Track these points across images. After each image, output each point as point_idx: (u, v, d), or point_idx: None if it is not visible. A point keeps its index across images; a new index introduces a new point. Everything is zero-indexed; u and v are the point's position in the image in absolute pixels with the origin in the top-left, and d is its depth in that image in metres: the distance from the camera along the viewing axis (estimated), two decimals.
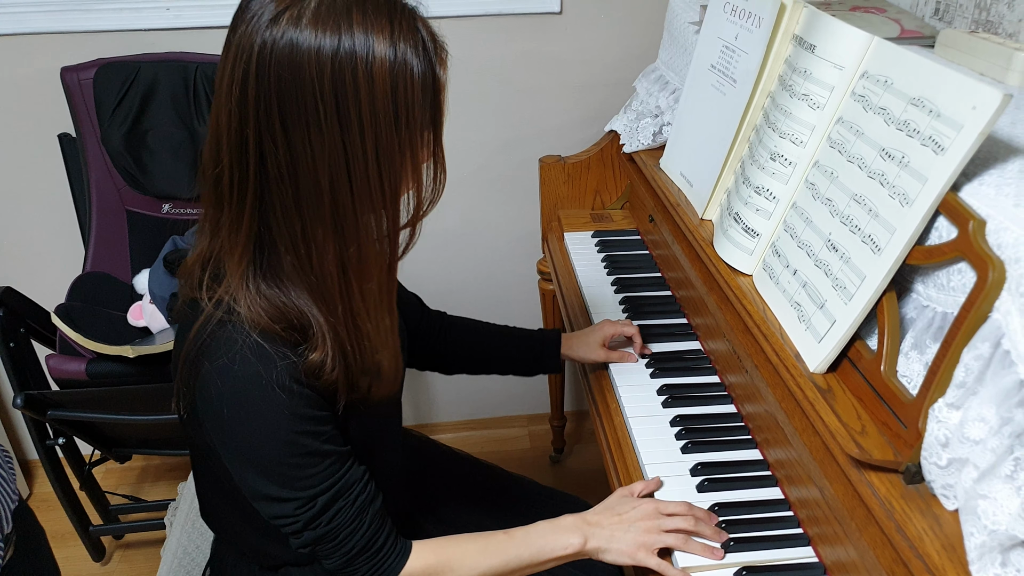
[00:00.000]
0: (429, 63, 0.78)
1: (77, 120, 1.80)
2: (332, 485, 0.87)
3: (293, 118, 0.75)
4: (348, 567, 0.91)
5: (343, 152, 0.77)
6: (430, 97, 0.80)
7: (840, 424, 0.85)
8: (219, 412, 0.83)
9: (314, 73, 0.74)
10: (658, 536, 0.97)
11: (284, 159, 0.77)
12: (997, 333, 0.72)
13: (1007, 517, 0.66)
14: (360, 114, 0.76)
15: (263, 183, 0.79)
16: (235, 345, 0.81)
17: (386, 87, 0.75)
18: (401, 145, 0.79)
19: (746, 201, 1.11)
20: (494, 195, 2.05)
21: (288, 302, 0.83)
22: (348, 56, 0.74)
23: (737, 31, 1.22)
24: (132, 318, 1.80)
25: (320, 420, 0.86)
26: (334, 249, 0.81)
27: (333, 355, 0.84)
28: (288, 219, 0.80)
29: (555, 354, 1.30)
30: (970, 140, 0.78)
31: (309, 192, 0.78)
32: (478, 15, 1.82)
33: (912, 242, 0.83)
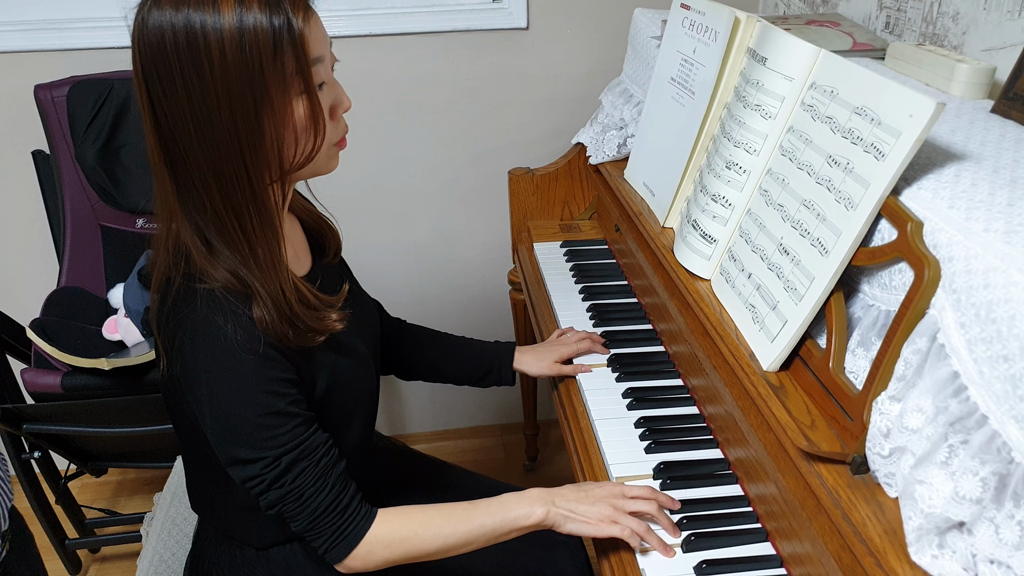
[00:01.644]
0: (283, 15, 0.82)
1: (51, 137, 1.81)
2: (297, 445, 0.92)
3: (166, 82, 0.82)
4: (313, 528, 0.94)
5: (205, 107, 0.83)
6: (287, 46, 0.83)
7: (791, 419, 0.89)
8: (195, 375, 0.89)
9: (171, 40, 0.81)
10: (623, 516, 0.99)
11: (169, 120, 0.84)
12: (933, 328, 0.76)
13: (942, 501, 0.70)
14: (213, 71, 0.81)
15: (165, 148, 0.86)
16: (203, 308, 0.88)
17: (234, 42, 0.81)
18: (256, 93, 0.83)
19: (704, 208, 1.15)
20: (464, 207, 2.09)
21: (231, 264, 0.90)
22: (198, 24, 0.80)
23: (695, 45, 1.26)
24: (107, 332, 1.81)
25: (286, 382, 0.92)
26: (219, 195, 0.87)
27: (263, 301, 0.89)
28: (184, 174, 0.87)
29: (507, 369, 1.34)
30: (907, 146, 0.82)
31: (189, 145, 0.85)
32: (447, 31, 1.86)
33: (857, 244, 0.87)
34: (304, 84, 0.86)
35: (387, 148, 1.97)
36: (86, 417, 1.67)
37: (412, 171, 2.02)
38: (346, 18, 1.82)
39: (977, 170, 0.87)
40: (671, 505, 1.04)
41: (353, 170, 1.97)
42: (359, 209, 2.03)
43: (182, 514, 1.43)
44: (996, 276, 0.70)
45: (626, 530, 0.98)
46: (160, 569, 1.29)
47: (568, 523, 1.00)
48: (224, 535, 1.11)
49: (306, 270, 1.06)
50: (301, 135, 0.88)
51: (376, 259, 2.11)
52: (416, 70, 1.90)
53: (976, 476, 0.68)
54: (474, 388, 2.21)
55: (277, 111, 0.85)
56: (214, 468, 0.99)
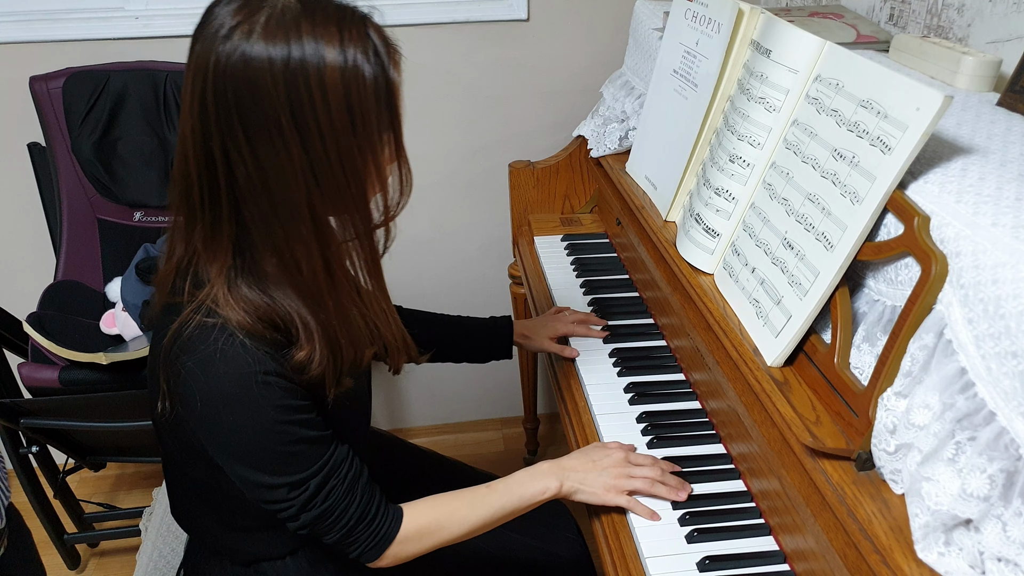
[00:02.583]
0: (381, 67, 0.80)
1: (47, 129, 1.80)
2: (322, 467, 0.91)
3: (254, 129, 0.77)
4: (348, 539, 0.94)
5: (306, 159, 0.79)
6: (384, 100, 0.81)
7: (796, 415, 0.88)
8: (205, 409, 0.85)
9: (268, 84, 0.75)
10: (628, 480, 1.04)
11: (252, 169, 0.79)
12: (940, 324, 0.75)
13: (949, 498, 0.69)
14: (318, 121, 0.77)
15: (235, 192, 0.81)
16: (218, 343, 0.83)
17: (339, 93, 0.77)
18: (361, 149, 0.80)
19: (707, 202, 1.15)
20: (464, 200, 2.08)
21: (272, 304, 0.86)
22: (299, 65, 0.75)
23: (698, 37, 1.25)
24: (105, 326, 1.80)
25: (303, 408, 0.89)
26: (317, 250, 0.84)
27: (321, 352, 0.87)
28: (267, 225, 0.82)
29: (506, 341, 1.36)
30: (915, 140, 0.81)
31: (283, 198, 0.81)
32: (447, 22, 1.85)
33: (862, 239, 0.86)
34: (395, 140, 0.85)
35: None
36: (84, 412, 1.66)
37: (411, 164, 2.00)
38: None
39: (984, 164, 0.86)
40: (672, 469, 1.08)
41: None
42: None
43: None
44: (1005, 271, 0.69)
45: (632, 500, 1.03)
46: (160, 565, 1.29)
47: (578, 494, 1.05)
48: (214, 552, 1.10)
49: None
50: (393, 188, 0.88)
51: None
52: (415, 62, 1.88)
53: (984, 473, 0.68)
54: (474, 378, 2.23)
55: (378, 164, 0.83)
56: (198, 486, 0.98)
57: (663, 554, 0.98)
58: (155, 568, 1.29)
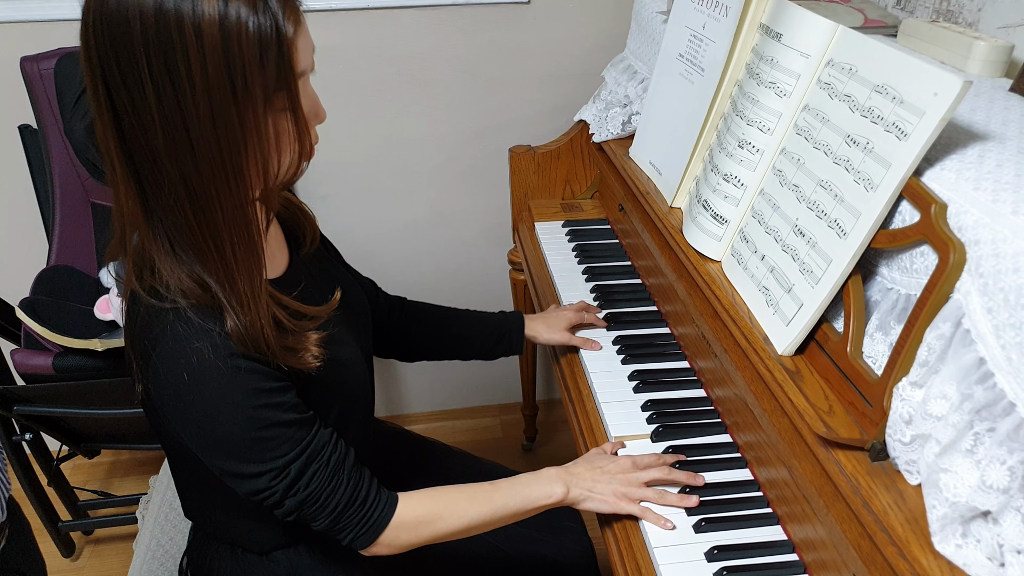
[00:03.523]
0: (271, 17, 0.73)
1: (38, 111, 1.76)
2: (303, 451, 0.87)
3: (130, 79, 0.73)
4: (337, 524, 0.92)
5: (180, 114, 0.74)
6: (274, 55, 0.74)
7: (808, 404, 0.87)
8: (175, 401, 0.83)
9: (139, 31, 0.71)
10: (638, 489, 1.02)
11: (134, 121, 0.75)
12: (958, 313, 0.74)
13: (967, 489, 0.68)
14: (191, 75, 0.72)
15: (126, 148, 0.77)
16: (177, 330, 0.80)
17: (215, 45, 0.71)
18: (240, 108, 0.75)
19: (715, 188, 1.13)
20: (464, 185, 2.05)
21: (192, 270, 0.82)
22: (173, 12, 0.70)
23: (705, 20, 1.23)
24: (99, 312, 1.78)
25: (276, 391, 0.85)
26: (191, 210, 0.79)
27: (242, 317, 0.82)
28: (154, 181, 0.78)
29: (519, 337, 1.32)
30: (932, 126, 0.80)
31: (159, 154, 0.76)
32: (447, 4, 1.82)
33: (877, 226, 0.85)
34: (289, 99, 0.78)
35: (384, 125, 1.93)
36: (79, 398, 1.64)
37: (410, 148, 1.98)
38: None
39: (1001, 151, 0.84)
40: (677, 459, 1.07)
41: (349, 148, 1.94)
42: (355, 187, 1.99)
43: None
44: None
45: (644, 509, 1.00)
46: (158, 554, 1.27)
47: (587, 502, 1.02)
48: (225, 541, 1.08)
49: (283, 268, 0.98)
50: (284, 152, 0.81)
51: (373, 238, 2.07)
52: (414, 45, 1.86)
53: (1003, 465, 0.67)
54: (472, 365, 2.21)
55: (261, 126, 0.77)
56: (207, 479, 0.95)
57: (671, 544, 0.97)
58: (153, 557, 1.27)
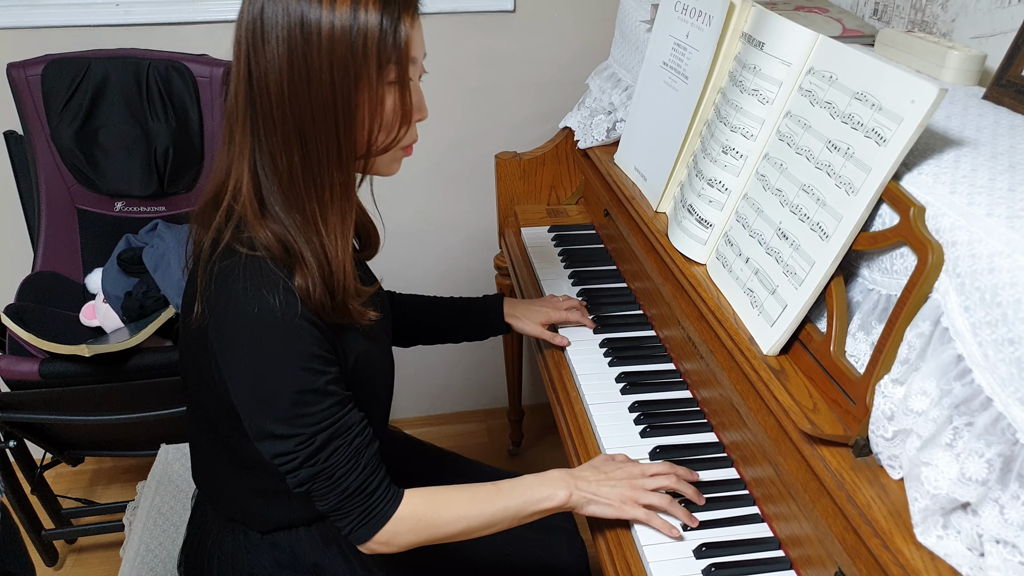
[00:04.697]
0: (394, 11, 0.85)
1: (24, 117, 1.77)
2: (332, 424, 0.91)
3: (268, 35, 0.84)
4: (341, 508, 0.94)
5: (305, 65, 0.84)
6: (391, 32, 0.85)
7: (793, 402, 0.90)
8: (233, 344, 0.89)
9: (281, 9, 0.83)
10: (644, 494, 1.01)
11: (262, 75, 0.86)
12: (937, 312, 0.77)
13: (947, 482, 0.71)
14: (320, 30, 0.83)
15: (251, 101, 0.88)
16: (248, 276, 0.88)
17: (345, 13, 0.83)
18: (357, 67, 0.85)
19: (699, 193, 1.16)
20: (450, 192, 2.07)
21: (281, 228, 0.90)
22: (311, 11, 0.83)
23: (688, 29, 1.26)
24: (85, 318, 1.78)
25: (325, 360, 0.91)
26: (300, 157, 0.88)
27: (311, 273, 0.89)
28: (267, 130, 0.88)
29: (500, 318, 1.38)
30: (910, 132, 0.82)
31: (280, 102, 0.86)
32: (432, 13, 1.84)
33: (858, 229, 0.88)
34: (399, 74, 0.88)
35: None
36: (66, 405, 1.64)
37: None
38: None
39: (976, 156, 0.87)
40: (691, 476, 1.06)
41: None
42: None
43: (168, 503, 1.41)
44: (1001, 260, 0.71)
45: (650, 513, 1.00)
46: (147, 559, 1.28)
47: (590, 506, 1.01)
48: (227, 517, 1.09)
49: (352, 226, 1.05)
50: (387, 122, 0.90)
51: None
52: None
53: (981, 457, 0.69)
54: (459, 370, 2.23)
55: (371, 91, 0.87)
56: (228, 448, 0.98)
57: (660, 542, 0.99)
58: (143, 562, 1.27)
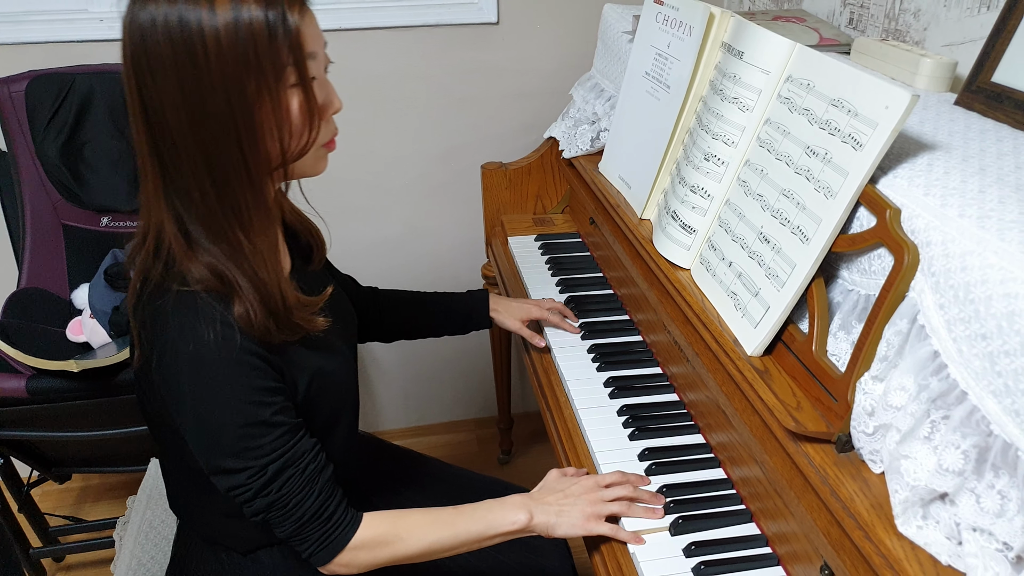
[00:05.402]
0: (279, 8, 0.82)
1: (8, 134, 1.77)
2: (283, 454, 0.91)
3: (156, 66, 0.81)
4: (299, 534, 0.94)
5: (198, 89, 0.81)
6: (282, 33, 0.82)
7: (777, 401, 0.92)
8: (176, 383, 0.87)
9: (162, 21, 0.79)
10: (604, 505, 1.03)
11: (157, 107, 0.83)
12: (913, 310, 0.79)
13: (926, 473, 0.73)
14: (207, 51, 0.80)
15: (152, 136, 0.85)
16: (183, 313, 0.86)
17: (229, 23, 0.80)
18: (251, 77, 0.82)
19: (683, 200, 1.18)
20: (436, 202, 2.09)
21: (211, 259, 0.88)
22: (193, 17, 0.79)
23: (669, 39, 1.29)
24: (71, 334, 1.78)
25: (270, 391, 0.90)
26: (212, 188, 0.85)
27: (249, 298, 0.88)
28: (173, 164, 0.85)
29: (484, 313, 1.41)
30: (884, 136, 0.85)
31: (181, 134, 0.83)
32: (417, 26, 1.86)
33: (837, 231, 0.90)
34: (299, 75, 0.85)
35: (357, 143, 1.97)
36: (52, 421, 1.63)
37: (383, 166, 2.02)
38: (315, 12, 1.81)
39: (948, 159, 0.90)
40: (643, 483, 1.08)
41: None
42: (329, 204, 1.98)
43: (159, 517, 1.41)
44: (972, 259, 0.73)
45: (615, 528, 1.02)
46: (140, 573, 1.28)
47: (558, 528, 1.02)
48: (207, 540, 1.09)
49: (286, 272, 1.03)
50: (296, 128, 0.88)
51: (347, 255, 2.09)
52: (386, 65, 1.90)
53: (958, 449, 0.72)
54: (446, 382, 2.24)
55: (272, 100, 0.84)
56: (195, 473, 0.97)
57: (649, 542, 1.01)
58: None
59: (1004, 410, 0.69)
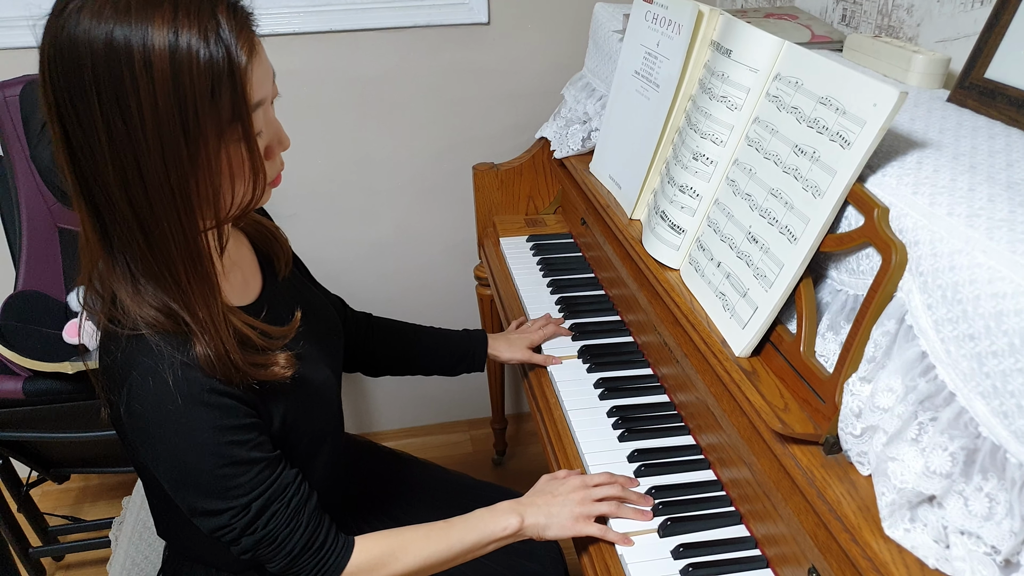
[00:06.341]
0: (223, 48, 0.72)
1: (3, 138, 1.76)
2: (264, 490, 0.88)
3: (83, 113, 0.73)
4: (292, 567, 0.92)
5: (130, 148, 0.73)
6: (227, 87, 0.74)
7: (765, 403, 0.91)
8: (144, 432, 0.83)
9: (89, 66, 0.71)
10: (592, 506, 1.03)
11: (87, 155, 0.75)
12: (901, 310, 0.79)
13: (913, 476, 0.72)
14: (141, 109, 0.72)
15: (82, 178, 0.77)
16: (142, 361, 0.81)
17: (166, 77, 0.71)
18: (190, 141, 0.74)
19: (671, 200, 1.17)
20: (429, 204, 2.09)
21: (160, 302, 0.82)
22: (123, 46, 0.70)
23: (659, 38, 1.28)
24: (68, 336, 1.77)
25: (244, 428, 0.86)
26: (146, 245, 0.79)
27: (205, 343, 0.82)
28: (108, 213, 0.78)
29: (481, 354, 1.37)
30: (872, 134, 0.84)
31: (111, 187, 0.76)
32: (407, 27, 1.86)
33: (825, 231, 0.90)
34: (243, 131, 0.77)
35: (348, 146, 1.96)
36: (49, 422, 1.64)
37: (374, 168, 2.01)
38: (304, 14, 1.81)
39: (938, 157, 0.89)
40: (631, 484, 1.08)
41: (314, 168, 1.96)
42: (320, 208, 2.02)
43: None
44: (961, 258, 0.72)
45: (604, 529, 1.02)
46: (133, 573, 1.28)
47: (549, 530, 1.02)
48: (198, 561, 1.08)
49: (255, 295, 0.99)
50: (238, 183, 0.80)
51: (339, 258, 2.09)
52: (376, 67, 1.89)
53: (945, 451, 0.71)
54: (441, 381, 2.23)
55: (212, 159, 0.76)
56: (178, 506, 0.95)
57: (637, 544, 1.00)
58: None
59: (992, 412, 0.68)
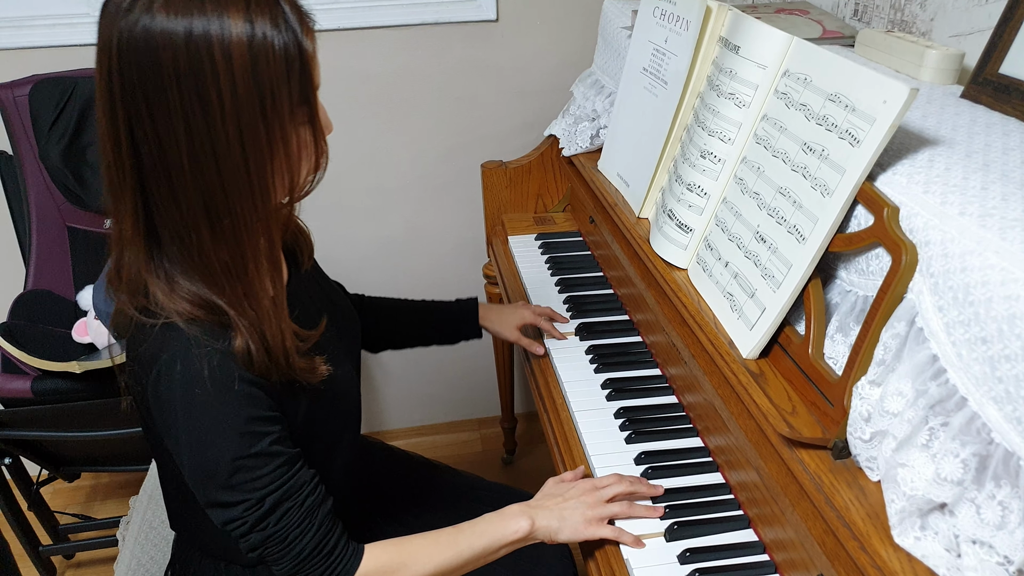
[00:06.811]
0: (293, 35, 0.77)
1: (13, 138, 1.77)
2: (281, 486, 0.87)
3: (157, 106, 0.75)
4: (298, 571, 0.90)
5: (208, 136, 0.76)
6: (297, 71, 0.78)
7: (772, 406, 0.89)
8: (170, 418, 0.84)
9: (169, 59, 0.73)
10: (604, 507, 1.01)
11: (154, 148, 0.77)
12: (912, 312, 0.77)
13: (924, 483, 0.71)
14: (221, 96, 0.75)
15: (140, 175, 0.79)
16: (174, 349, 0.82)
17: (245, 66, 0.74)
18: (268, 125, 0.77)
19: (679, 198, 1.16)
20: (437, 202, 2.08)
21: (197, 291, 0.83)
22: (202, 38, 0.73)
23: (666, 34, 1.26)
24: (77, 335, 1.78)
25: (268, 420, 0.87)
26: (210, 233, 0.81)
27: (250, 338, 0.84)
28: (167, 208, 0.80)
29: (474, 323, 1.38)
30: (882, 132, 0.82)
31: (181, 178, 0.78)
32: (416, 24, 1.85)
33: (834, 230, 0.88)
34: (310, 113, 0.81)
35: (357, 144, 1.96)
36: (59, 421, 1.64)
37: (383, 166, 2.00)
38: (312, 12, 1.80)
39: (950, 155, 0.87)
40: (638, 482, 1.06)
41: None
42: (330, 206, 2.01)
43: (159, 517, 1.41)
44: (973, 259, 0.70)
45: (618, 530, 1.00)
46: (139, 573, 1.27)
47: (561, 533, 1.01)
48: (208, 554, 1.07)
49: (284, 281, 0.99)
50: (304, 165, 0.84)
51: (349, 256, 2.09)
52: (385, 64, 1.89)
53: (957, 458, 0.69)
54: (451, 380, 2.23)
55: (286, 142, 0.80)
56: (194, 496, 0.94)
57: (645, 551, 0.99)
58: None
59: (1005, 417, 0.66)
